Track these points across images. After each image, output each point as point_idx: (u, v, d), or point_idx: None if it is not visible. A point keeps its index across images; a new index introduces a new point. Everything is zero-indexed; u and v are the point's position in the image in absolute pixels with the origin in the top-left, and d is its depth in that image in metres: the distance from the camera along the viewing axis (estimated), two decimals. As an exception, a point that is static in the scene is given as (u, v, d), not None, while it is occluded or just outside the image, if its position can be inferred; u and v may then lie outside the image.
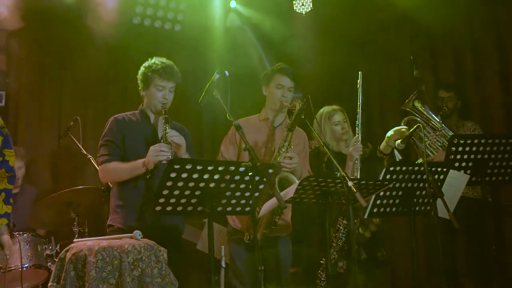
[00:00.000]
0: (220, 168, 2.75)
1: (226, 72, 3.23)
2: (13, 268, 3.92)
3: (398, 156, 3.91)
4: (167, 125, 3.39)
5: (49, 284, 2.73)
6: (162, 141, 3.35)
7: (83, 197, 4.32)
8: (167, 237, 3.36)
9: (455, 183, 3.50)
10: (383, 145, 4.00)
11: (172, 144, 3.32)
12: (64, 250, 2.80)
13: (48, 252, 4.15)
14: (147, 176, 3.36)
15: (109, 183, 4.22)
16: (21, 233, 4.06)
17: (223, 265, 3.64)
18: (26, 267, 3.95)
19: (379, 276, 4.16)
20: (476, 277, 4.41)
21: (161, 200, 2.76)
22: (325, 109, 4.26)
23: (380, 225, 4.03)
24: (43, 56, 5.56)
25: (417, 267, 3.60)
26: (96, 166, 4.64)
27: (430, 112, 4.51)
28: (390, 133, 3.97)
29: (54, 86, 5.63)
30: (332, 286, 3.46)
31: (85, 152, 4.77)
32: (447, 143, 4.34)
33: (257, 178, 2.83)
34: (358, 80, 3.91)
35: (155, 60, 3.60)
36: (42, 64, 5.56)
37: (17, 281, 3.99)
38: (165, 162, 3.23)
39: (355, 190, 2.81)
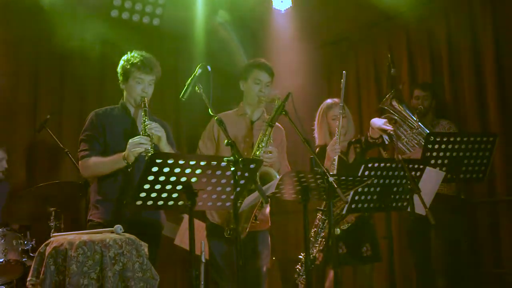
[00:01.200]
0: (202, 163, 2.73)
1: (209, 67, 3.22)
2: (-13, 263, 3.87)
3: (386, 139, 3.94)
4: (146, 117, 3.38)
5: (28, 279, 2.69)
6: (141, 133, 3.34)
7: (60, 191, 4.27)
8: (148, 231, 3.35)
9: (431, 180, 3.56)
10: (370, 130, 4.04)
11: (151, 136, 3.32)
12: (44, 244, 2.77)
13: (23, 247, 4.09)
14: (128, 169, 3.34)
15: (88, 179, 4.19)
16: (-5, 227, 4.01)
17: (203, 260, 3.65)
18: (1, 262, 3.90)
19: (368, 271, 4.18)
20: (449, 272, 4.50)
21: (142, 195, 2.72)
22: (325, 102, 4.32)
23: (365, 221, 4.07)
24: (18, 47, 5.48)
25: (393, 262, 3.65)
26: (73, 160, 4.61)
27: (407, 111, 4.59)
28: (373, 120, 4.01)
29: (29, 77, 5.55)
30: (310, 280, 3.49)
31: (62, 146, 4.72)
32: (423, 141, 4.43)
33: (239, 173, 2.83)
34: (342, 80, 3.91)
35: (134, 53, 3.59)
36: (17, 55, 5.47)
37: (-8, 276, 3.96)
38: (144, 154, 3.23)
39: (336, 186, 2.84)
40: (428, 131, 4.42)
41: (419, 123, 4.53)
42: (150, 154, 3.19)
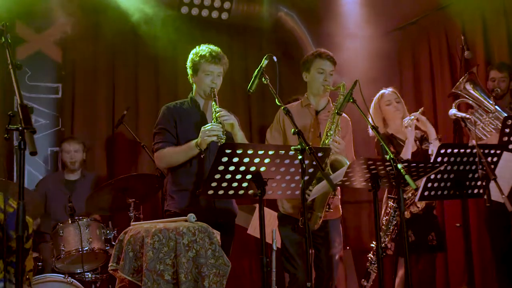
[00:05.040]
0: (270, 152, 2.77)
1: (274, 58, 3.25)
2: (73, 251, 4.11)
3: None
4: (216, 106, 3.48)
5: (109, 265, 2.86)
6: (213, 121, 3.44)
7: (138, 183, 4.45)
8: (221, 220, 3.46)
9: (509, 165, 3.43)
10: None
11: (223, 124, 3.40)
12: (123, 232, 2.92)
13: (106, 236, 4.31)
14: (201, 156, 3.45)
15: (163, 171, 4.35)
16: (81, 217, 4.24)
17: (274, 248, 3.69)
18: (86, 250, 4.12)
19: (430, 260, 4.13)
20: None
21: (213, 184, 2.80)
22: (380, 92, 4.38)
23: (430, 210, 4.00)
24: (96, 45, 5.74)
25: (470, 251, 3.55)
26: (148, 153, 4.80)
27: (483, 94, 4.42)
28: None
29: (107, 76, 5.80)
30: (382, 268, 3.46)
31: (139, 140, 4.92)
32: (500, 125, 4.25)
33: (306, 161, 2.84)
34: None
35: (203, 47, 3.71)
36: (95, 52, 5.73)
37: (77, 263, 4.19)
38: (216, 141, 3.33)
39: (404, 173, 2.80)
40: (506, 115, 4.24)
41: (496, 106, 4.36)
42: (222, 141, 3.28)
